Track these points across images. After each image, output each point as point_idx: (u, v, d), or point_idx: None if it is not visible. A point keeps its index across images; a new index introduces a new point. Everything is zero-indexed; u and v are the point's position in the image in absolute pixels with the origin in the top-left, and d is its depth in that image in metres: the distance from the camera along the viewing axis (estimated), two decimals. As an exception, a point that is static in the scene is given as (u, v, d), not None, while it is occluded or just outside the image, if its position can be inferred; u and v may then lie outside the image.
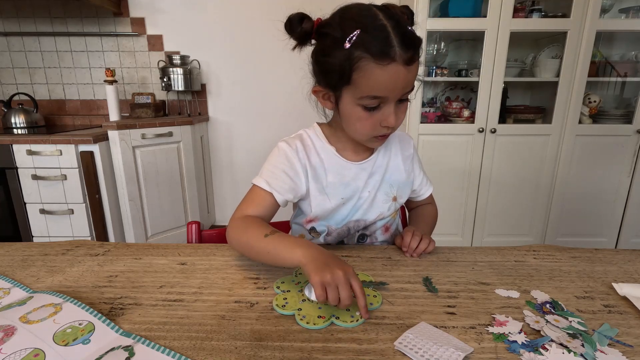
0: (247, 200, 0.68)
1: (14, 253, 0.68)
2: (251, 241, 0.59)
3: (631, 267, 0.63)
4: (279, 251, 0.55)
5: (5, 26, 2.23)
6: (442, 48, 2.10)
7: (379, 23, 0.55)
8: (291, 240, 0.56)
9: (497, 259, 0.66)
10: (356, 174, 0.73)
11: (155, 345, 0.42)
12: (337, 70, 0.58)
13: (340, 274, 0.47)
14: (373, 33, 0.55)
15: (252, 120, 2.45)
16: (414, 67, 0.58)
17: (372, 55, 0.54)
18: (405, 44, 0.55)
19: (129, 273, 0.61)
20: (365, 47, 0.55)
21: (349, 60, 0.56)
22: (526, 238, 2.15)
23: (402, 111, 0.63)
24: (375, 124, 0.62)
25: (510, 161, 2.03)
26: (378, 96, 0.58)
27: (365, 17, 0.56)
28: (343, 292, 0.46)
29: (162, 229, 2.07)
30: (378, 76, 0.56)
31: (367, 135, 0.65)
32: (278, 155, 0.71)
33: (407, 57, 0.55)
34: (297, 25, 0.60)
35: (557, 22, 1.87)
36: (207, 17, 2.26)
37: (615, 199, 2.08)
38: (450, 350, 0.41)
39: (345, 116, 0.64)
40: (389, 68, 0.55)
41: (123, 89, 2.34)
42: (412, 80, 0.59)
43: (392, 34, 0.54)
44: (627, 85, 2.10)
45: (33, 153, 1.73)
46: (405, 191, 0.79)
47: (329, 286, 0.47)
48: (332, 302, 0.47)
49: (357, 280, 0.48)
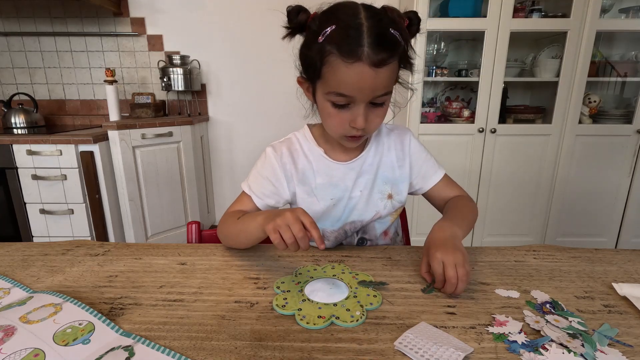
0: (234, 203, 0.74)
1: (14, 253, 0.68)
2: (230, 228, 0.65)
3: (631, 267, 0.63)
4: (247, 225, 0.60)
5: (5, 26, 2.23)
6: (442, 48, 2.10)
7: (356, 21, 0.55)
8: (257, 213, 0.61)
9: (497, 259, 0.66)
10: (344, 173, 0.73)
11: (155, 345, 0.42)
12: (311, 63, 0.60)
13: (288, 214, 0.51)
14: (346, 30, 0.55)
15: (252, 120, 2.45)
16: (385, 71, 0.56)
17: (340, 52, 0.55)
18: (377, 45, 0.54)
19: (129, 273, 0.61)
20: (335, 43, 0.55)
21: (320, 54, 0.57)
22: (526, 238, 2.15)
23: (378, 115, 0.62)
24: (344, 122, 0.62)
25: (510, 161, 2.03)
26: (344, 94, 0.58)
27: (345, 14, 0.57)
28: (294, 228, 0.50)
29: (162, 229, 2.07)
30: (343, 74, 0.56)
31: (337, 132, 0.65)
32: (262, 161, 0.74)
33: (376, 59, 0.54)
34: (294, 17, 0.61)
35: (557, 22, 1.87)
36: (207, 17, 2.26)
37: (615, 199, 2.08)
38: (450, 351, 0.41)
39: (319, 110, 0.66)
40: (355, 67, 0.55)
41: (123, 89, 2.34)
42: (383, 84, 0.57)
43: (365, 34, 0.54)
44: (627, 85, 2.10)
45: (33, 153, 1.73)
46: (402, 187, 0.77)
47: (281, 228, 0.50)
48: (288, 241, 0.50)
49: (306, 216, 0.51)
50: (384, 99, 0.61)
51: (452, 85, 2.26)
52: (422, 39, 1.86)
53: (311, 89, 0.65)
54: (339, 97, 0.59)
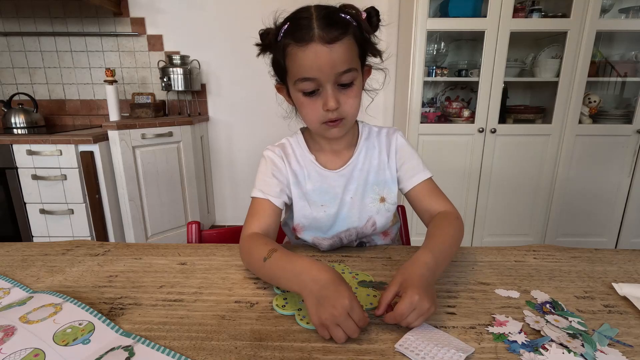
0: (250, 215, 0.69)
1: (14, 253, 0.69)
2: (254, 267, 0.60)
3: (631, 267, 0.63)
4: (278, 281, 0.55)
5: (5, 26, 2.23)
6: (442, 48, 2.10)
7: (306, 14, 0.59)
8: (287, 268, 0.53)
9: (497, 259, 0.66)
10: (335, 180, 0.73)
11: (155, 345, 0.42)
12: (278, 64, 0.64)
13: (339, 311, 0.43)
14: (298, 21, 0.59)
15: (252, 120, 2.44)
16: (339, 47, 0.58)
17: (294, 40, 0.59)
18: (326, 25, 0.57)
19: (129, 273, 0.61)
20: (290, 35, 0.59)
21: (282, 50, 0.61)
22: (526, 238, 2.15)
23: (350, 96, 0.63)
24: (318, 109, 0.63)
25: (510, 161, 2.03)
26: (308, 77, 0.60)
27: (297, 11, 0.61)
28: (347, 330, 0.44)
29: (162, 229, 2.07)
30: (300, 58, 0.59)
31: (316, 122, 0.65)
32: (265, 163, 0.74)
33: (327, 37, 0.57)
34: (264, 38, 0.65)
35: (557, 22, 1.87)
36: (207, 17, 2.26)
37: (615, 199, 2.08)
38: (451, 352, 0.41)
39: (296, 106, 0.68)
40: (309, 48, 0.58)
41: (123, 89, 2.34)
42: (341, 59, 0.59)
43: (314, 19, 0.58)
44: (627, 85, 2.10)
45: (33, 153, 1.73)
46: (392, 188, 0.75)
47: (330, 327, 0.44)
48: (338, 342, 0.44)
49: (357, 310, 0.44)
50: (349, 76, 0.61)
51: (452, 85, 2.26)
52: (422, 39, 1.87)
53: (286, 90, 0.68)
54: (304, 83, 0.61)
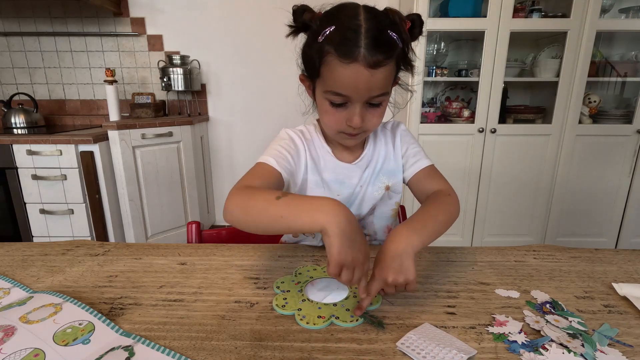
0: (251, 174, 0.63)
1: (14, 253, 0.68)
2: (259, 206, 0.51)
3: (631, 267, 0.63)
4: (296, 215, 0.48)
5: (5, 26, 2.23)
6: (442, 48, 2.10)
7: (355, 22, 0.56)
8: (309, 201, 0.49)
9: (497, 259, 0.66)
10: (352, 171, 0.75)
11: (155, 345, 0.42)
12: (311, 62, 0.61)
13: (363, 257, 0.47)
14: (344, 31, 0.56)
15: (252, 120, 2.45)
16: (381, 72, 0.56)
17: (337, 52, 0.55)
18: (374, 47, 0.54)
19: (129, 273, 0.61)
20: (333, 44, 0.56)
21: (319, 54, 0.58)
22: (526, 238, 2.15)
23: (375, 115, 0.63)
24: (341, 121, 0.63)
25: (510, 161, 2.03)
26: (340, 93, 0.59)
27: (345, 15, 0.57)
28: (357, 274, 0.47)
29: (162, 229, 2.07)
30: (339, 73, 0.57)
31: (333, 129, 0.66)
32: (283, 138, 0.73)
33: (372, 60, 0.55)
34: (299, 16, 0.61)
35: (557, 22, 1.87)
36: (207, 17, 2.26)
37: (615, 199, 2.08)
38: (452, 352, 0.41)
39: (318, 107, 0.66)
40: (351, 67, 0.55)
41: (123, 89, 2.34)
42: (379, 85, 0.58)
43: (362, 35, 0.54)
44: (627, 85, 2.10)
45: (33, 153, 1.73)
46: (398, 177, 0.78)
47: (347, 268, 0.46)
48: (346, 284, 0.48)
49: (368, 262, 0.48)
50: (381, 99, 0.61)
51: (452, 85, 2.26)
52: (422, 39, 1.86)
53: (312, 87, 0.66)
54: (335, 96, 0.60)
